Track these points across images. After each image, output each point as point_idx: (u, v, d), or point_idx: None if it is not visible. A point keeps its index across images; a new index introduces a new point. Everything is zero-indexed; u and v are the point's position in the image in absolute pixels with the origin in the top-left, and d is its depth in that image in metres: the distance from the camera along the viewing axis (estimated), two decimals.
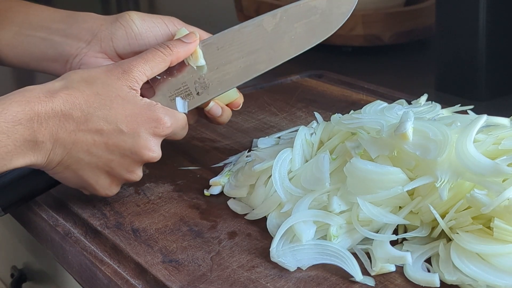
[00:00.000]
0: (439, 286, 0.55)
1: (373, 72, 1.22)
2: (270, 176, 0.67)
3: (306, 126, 0.75)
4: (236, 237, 0.65)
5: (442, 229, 0.59)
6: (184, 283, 0.58)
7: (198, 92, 0.73)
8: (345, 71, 1.13)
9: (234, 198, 0.71)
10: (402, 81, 1.15)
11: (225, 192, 0.72)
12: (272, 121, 0.92)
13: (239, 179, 0.71)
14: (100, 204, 0.72)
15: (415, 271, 0.57)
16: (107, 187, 0.68)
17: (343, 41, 1.30)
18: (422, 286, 0.56)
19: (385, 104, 0.76)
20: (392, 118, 0.68)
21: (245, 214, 0.68)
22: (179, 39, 0.72)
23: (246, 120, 0.93)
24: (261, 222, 0.66)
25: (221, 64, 0.74)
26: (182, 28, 0.76)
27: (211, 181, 0.73)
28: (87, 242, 0.66)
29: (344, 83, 1.05)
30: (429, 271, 0.58)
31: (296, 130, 0.73)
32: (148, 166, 0.80)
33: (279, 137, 0.83)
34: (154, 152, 0.67)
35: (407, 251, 0.59)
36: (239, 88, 0.79)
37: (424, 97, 0.80)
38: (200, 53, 0.73)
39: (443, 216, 0.59)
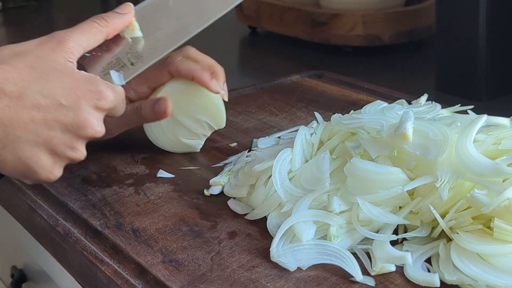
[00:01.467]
0: (439, 286, 0.55)
1: (373, 72, 1.22)
2: (270, 176, 0.67)
3: (306, 126, 0.75)
4: (236, 237, 0.65)
5: (442, 229, 0.59)
6: (184, 283, 0.58)
7: (132, 63, 0.71)
8: (345, 71, 1.13)
9: (234, 198, 0.71)
10: (402, 81, 1.15)
11: (225, 192, 0.72)
12: (272, 121, 0.92)
13: (239, 179, 0.71)
14: (100, 204, 0.72)
15: (415, 271, 0.57)
16: (49, 169, 0.62)
17: (343, 41, 1.30)
18: (422, 286, 0.56)
19: (385, 104, 0.76)
20: (392, 118, 0.68)
21: (245, 214, 0.68)
22: (113, 10, 0.69)
23: (246, 120, 0.93)
24: (261, 222, 0.66)
25: (151, 31, 0.71)
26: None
27: (211, 181, 0.73)
28: (87, 242, 0.66)
29: (344, 83, 1.05)
30: (429, 271, 0.58)
31: (296, 130, 0.73)
32: (148, 166, 0.80)
33: (279, 137, 0.83)
34: (97, 126, 0.62)
35: (407, 251, 0.59)
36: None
37: (424, 97, 0.80)
38: (136, 24, 0.70)
39: (443, 216, 0.59)
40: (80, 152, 0.63)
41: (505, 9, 1.00)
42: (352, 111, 0.76)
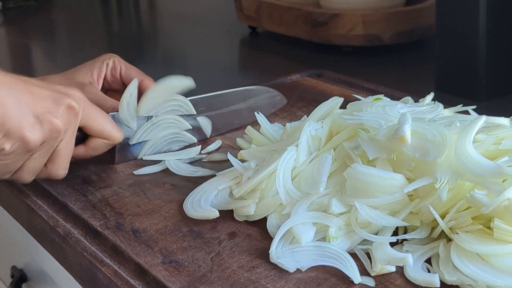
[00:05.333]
0: (439, 286, 0.55)
1: (373, 72, 1.22)
2: (272, 175, 0.67)
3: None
4: (236, 238, 0.65)
5: (442, 230, 0.59)
6: (184, 283, 0.58)
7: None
8: (345, 71, 1.13)
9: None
10: (402, 81, 1.15)
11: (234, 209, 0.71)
12: (272, 121, 0.92)
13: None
14: (100, 205, 0.72)
15: (415, 272, 0.57)
16: (30, 126, 0.66)
17: (343, 41, 1.30)
18: (422, 286, 0.56)
19: (388, 100, 0.76)
20: (393, 116, 0.68)
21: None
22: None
23: None
24: (261, 223, 0.66)
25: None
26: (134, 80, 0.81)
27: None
28: (87, 242, 0.66)
29: (344, 83, 1.05)
30: (429, 271, 0.58)
31: None
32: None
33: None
34: (77, 96, 0.70)
35: (407, 251, 0.59)
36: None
37: (430, 96, 0.79)
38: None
39: (443, 217, 0.59)
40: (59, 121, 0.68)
41: (505, 9, 1.00)
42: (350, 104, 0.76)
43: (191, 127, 0.85)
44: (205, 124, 0.87)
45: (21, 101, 0.66)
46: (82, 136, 0.75)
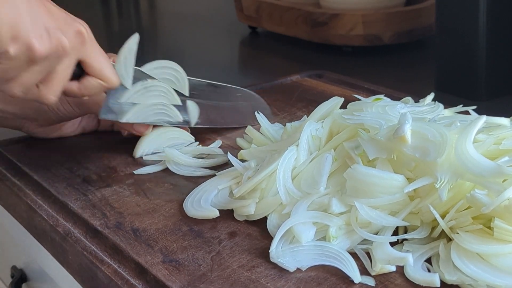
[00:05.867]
0: (439, 286, 0.55)
1: (373, 72, 1.22)
2: (272, 174, 0.67)
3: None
4: (236, 237, 0.65)
5: (442, 229, 0.59)
6: (185, 283, 0.58)
7: None
8: (345, 71, 1.13)
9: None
10: (402, 81, 1.15)
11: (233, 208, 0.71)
12: (272, 121, 0.92)
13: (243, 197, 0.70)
14: (100, 204, 0.72)
15: (416, 271, 0.57)
16: (39, 36, 0.66)
17: (343, 41, 1.30)
18: (422, 286, 0.56)
19: (388, 100, 0.76)
20: (394, 116, 0.68)
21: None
22: None
23: None
24: (261, 222, 0.66)
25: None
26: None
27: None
28: (87, 242, 0.66)
29: (344, 83, 1.05)
30: (429, 271, 0.58)
31: None
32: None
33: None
34: (87, 27, 0.70)
35: (407, 251, 0.59)
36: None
37: (430, 96, 0.79)
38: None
39: (443, 216, 0.59)
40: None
41: (505, 9, 1.00)
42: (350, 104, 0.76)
43: (181, 103, 0.83)
44: (193, 110, 0.85)
45: (35, 11, 0.66)
46: (79, 73, 0.73)
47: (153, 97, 0.81)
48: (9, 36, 0.64)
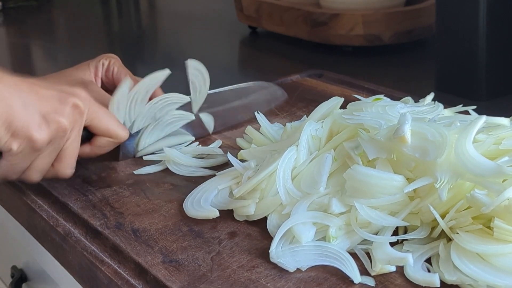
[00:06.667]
0: (439, 286, 0.55)
1: (373, 72, 1.22)
2: (272, 174, 0.67)
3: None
4: (236, 237, 0.65)
5: (442, 229, 0.59)
6: (185, 283, 0.58)
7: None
8: (345, 71, 1.13)
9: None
10: (402, 81, 1.15)
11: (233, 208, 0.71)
12: (272, 121, 0.92)
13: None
14: (100, 204, 0.72)
15: (415, 271, 0.57)
16: (37, 126, 0.67)
17: (343, 41, 1.30)
18: (422, 286, 0.56)
19: (388, 100, 0.76)
20: (393, 116, 0.68)
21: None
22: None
23: None
24: (261, 222, 0.66)
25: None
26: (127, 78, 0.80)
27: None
28: (87, 242, 0.66)
29: (344, 83, 1.05)
30: (429, 271, 0.58)
31: None
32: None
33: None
34: (82, 96, 0.71)
35: (407, 251, 0.59)
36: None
37: (430, 96, 0.79)
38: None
39: (443, 216, 0.59)
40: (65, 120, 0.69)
41: (505, 9, 1.00)
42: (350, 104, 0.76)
43: (194, 118, 0.85)
44: (208, 121, 0.87)
45: (27, 102, 0.67)
46: (88, 135, 0.75)
47: (165, 127, 0.83)
48: (9, 134, 0.66)
